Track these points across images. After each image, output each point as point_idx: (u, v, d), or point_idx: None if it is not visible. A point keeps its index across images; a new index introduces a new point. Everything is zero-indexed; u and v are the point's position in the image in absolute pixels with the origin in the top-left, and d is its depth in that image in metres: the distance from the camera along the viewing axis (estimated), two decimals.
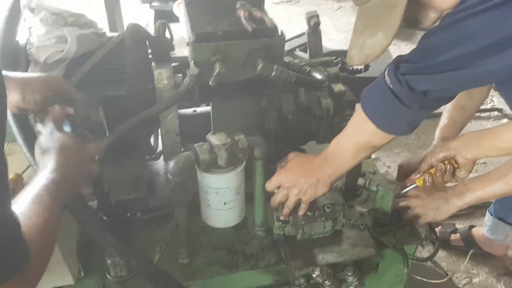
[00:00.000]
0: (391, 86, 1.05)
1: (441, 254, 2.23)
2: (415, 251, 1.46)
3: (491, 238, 2.04)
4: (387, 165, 2.72)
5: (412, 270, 1.69)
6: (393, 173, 2.60)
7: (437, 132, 1.54)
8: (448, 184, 1.36)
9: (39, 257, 0.78)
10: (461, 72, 0.97)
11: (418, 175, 1.37)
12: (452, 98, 1.20)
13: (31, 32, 1.26)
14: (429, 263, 2.15)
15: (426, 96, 1.05)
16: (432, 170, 1.33)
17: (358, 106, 1.18)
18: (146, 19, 3.69)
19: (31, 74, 1.18)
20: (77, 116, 1.14)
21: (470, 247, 2.18)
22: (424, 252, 2.13)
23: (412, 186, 1.40)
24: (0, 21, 1.19)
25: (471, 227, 2.22)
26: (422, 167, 1.37)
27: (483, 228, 2.06)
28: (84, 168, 1.02)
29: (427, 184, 1.33)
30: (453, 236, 2.23)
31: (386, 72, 1.08)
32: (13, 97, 1.05)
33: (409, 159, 1.52)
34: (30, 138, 1.05)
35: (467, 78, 0.99)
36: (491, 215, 1.99)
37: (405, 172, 1.47)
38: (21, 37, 1.27)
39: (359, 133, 1.19)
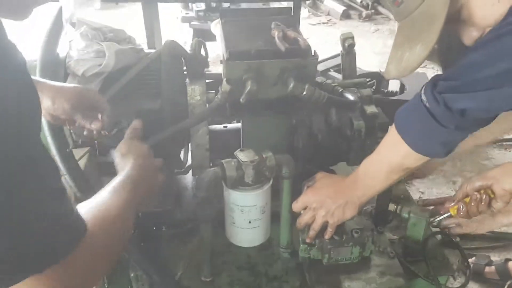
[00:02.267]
0: (427, 104, 1.02)
1: (474, 286, 2.12)
2: (446, 283, 1.39)
3: None
4: (421, 191, 2.63)
5: None
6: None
7: None
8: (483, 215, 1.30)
9: (108, 236, 0.78)
10: (501, 91, 0.93)
11: (452, 204, 1.31)
12: (491, 120, 1.15)
13: (71, 45, 1.31)
14: None
15: (464, 116, 1.00)
16: (467, 199, 1.28)
17: (391, 127, 1.15)
18: (185, 38, 3.79)
19: (66, 84, 1.23)
20: (104, 127, 1.18)
21: (505, 280, 2.06)
22: (455, 284, 2.03)
23: (445, 215, 1.34)
24: (43, 34, 1.24)
25: (507, 260, 2.11)
26: (457, 195, 1.31)
27: None
28: (155, 177, 1.09)
29: (461, 213, 1.27)
30: (487, 269, 2.12)
31: (422, 91, 1.04)
32: (45, 103, 1.10)
33: None
34: (64, 148, 1.07)
35: (506, 97, 0.95)
36: None
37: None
38: (61, 50, 1.32)
39: (391, 154, 1.16)
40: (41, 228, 0.64)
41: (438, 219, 1.36)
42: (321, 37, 4.65)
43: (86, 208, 0.78)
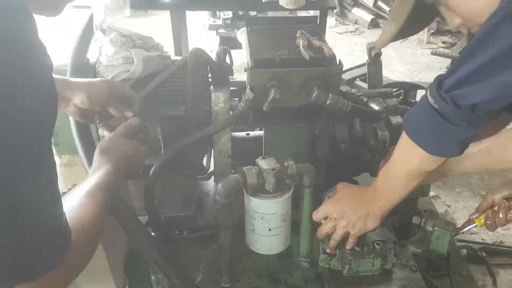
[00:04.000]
0: (435, 106, 1.00)
1: None
2: None
3: None
4: (447, 204, 2.57)
5: None
6: (453, 213, 2.46)
7: None
8: None
9: (83, 252, 0.81)
10: (504, 75, 0.91)
11: (476, 214, 1.28)
12: (501, 112, 1.11)
13: (101, 51, 1.35)
14: None
15: (474, 111, 0.98)
16: (495, 208, 1.24)
17: (402, 134, 1.13)
18: (212, 45, 3.84)
19: (98, 79, 1.26)
20: (134, 113, 1.21)
21: None
22: None
23: (470, 227, 1.31)
24: (74, 39, 1.29)
25: None
26: (482, 205, 1.28)
27: None
28: (135, 170, 1.12)
29: (488, 223, 1.23)
30: None
31: (428, 93, 1.03)
32: (79, 98, 1.13)
33: None
34: (91, 151, 1.10)
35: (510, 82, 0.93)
36: None
37: None
38: (91, 56, 1.36)
39: (407, 160, 1.13)
40: (35, 234, 0.65)
41: (463, 231, 1.33)
42: (348, 46, 4.63)
43: (66, 210, 0.78)
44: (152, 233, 1.37)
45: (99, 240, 0.91)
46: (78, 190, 0.91)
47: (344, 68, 1.34)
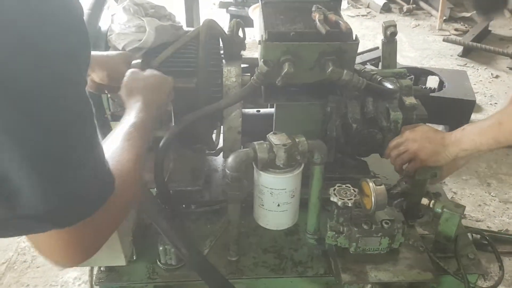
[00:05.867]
0: None
1: None
2: (476, 281, 1.35)
3: None
4: (453, 191, 2.56)
5: None
6: (459, 200, 2.45)
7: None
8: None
9: (125, 197, 0.78)
10: None
11: None
12: None
13: (113, 19, 1.33)
14: None
15: None
16: None
17: None
18: (222, 24, 3.79)
19: (109, 52, 1.24)
20: None
21: None
22: (485, 284, 1.96)
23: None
24: (86, 6, 1.27)
25: None
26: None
27: None
28: (165, 101, 1.14)
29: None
30: None
31: None
32: (97, 75, 1.11)
33: None
34: (101, 115, 1.09)
35: None
36: None
37: None
38: (103, 24, 1.34)
39: None
40: (78, 178, 0.64)
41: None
42: (359, 30, 4.56)
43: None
44: None
45: (140, 184, 0.88)
46: (115, 135, 0.90)
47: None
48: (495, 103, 3.37)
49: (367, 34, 4.47)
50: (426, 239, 1.38)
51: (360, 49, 3.13)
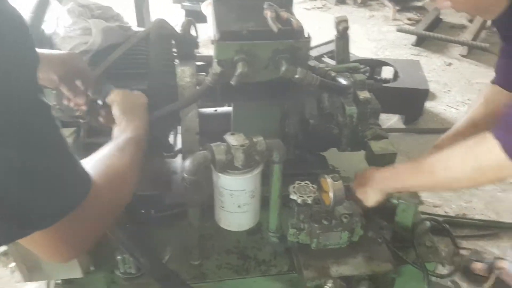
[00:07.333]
0: None
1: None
2: (434, 269, 1.39)
3: None
4: None
5: None
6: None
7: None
8: None
9: (107, 201, 0.77)
10: None
11: None
12: None
13: (58, 22, 1.27)
14: (449, 283, 2.06)
15: None
16: None
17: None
18: (177, 19, 3.72)
19: (51, 51, 1.18)
20: (90, 93, 1.18)
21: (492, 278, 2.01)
22: (444, 271, 2.04)
23: None
24: (28, 10, 1.20)
25: (497, 258, 2.06)
26: None
27: (507, 263, 1.94)
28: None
29: None
30: (475, 264, 2.07)
31: None
32: (48, 74, 1.07)
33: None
34: None
35: None
36: None
37: None
38: (48, 27, 1.28)
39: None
40: (48, 181, 0.64)
41: None
42: (316, 23, 4.59)
43: (92, 163, 0.79)
44: None
45: (128, 194, 0.89)
46: (109, 146, 0.92)
47: (312, 45, 1.32)
48: (448, 90, 3.49)
49: (324, 27, 4.50)
50: (385, 229, 1.41)
51: (317, 42, 3.17)
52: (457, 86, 3.55)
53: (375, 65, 3.08)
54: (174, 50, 1.41)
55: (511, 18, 1.15)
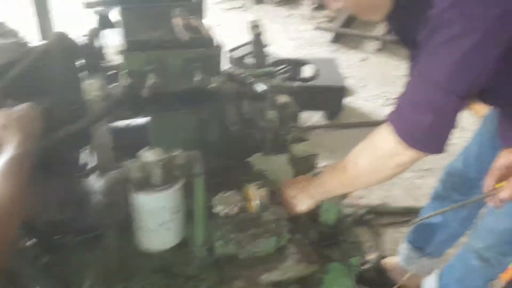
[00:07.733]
0: None
1: None
2: (360, 263, 1.44)
3: (405, 268, 1.83)
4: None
5: None
6: None
7: None
8: None
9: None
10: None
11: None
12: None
13: None
14: None
15: None
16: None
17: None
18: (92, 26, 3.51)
19: None
20: None
21: (382, 278, 1.88)
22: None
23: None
24: None
25: (381, 257, 1.96)
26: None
27: (398, 256, 1.88)
28: (38, 130, 1.11)
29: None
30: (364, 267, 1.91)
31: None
32: None
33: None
34: None
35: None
36: (409, 243, 1.83)
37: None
38: None
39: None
40: None
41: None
42: (236, 23, 4.60)
43: None
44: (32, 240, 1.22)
45: (18, 219, 0.87)
46: None
47: (233, 46, 1.30)
48: (365, 85, 3.65)
49: (244, 26, 4.53)
50: (311, 230, 1.43)
51: (238, 42, 3.17)
52: (373, 80, 3.72)
53: (295, 64, 3.15)
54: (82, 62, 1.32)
55: (399, 20, 1.13)
